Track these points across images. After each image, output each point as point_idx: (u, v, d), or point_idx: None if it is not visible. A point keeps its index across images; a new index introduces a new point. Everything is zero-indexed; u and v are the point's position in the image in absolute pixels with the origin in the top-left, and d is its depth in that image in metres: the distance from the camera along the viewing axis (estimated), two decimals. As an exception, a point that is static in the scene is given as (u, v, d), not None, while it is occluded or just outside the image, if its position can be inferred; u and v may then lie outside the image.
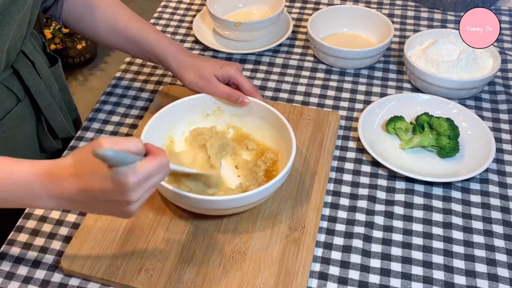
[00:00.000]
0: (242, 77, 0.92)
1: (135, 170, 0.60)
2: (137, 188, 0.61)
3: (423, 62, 1.06)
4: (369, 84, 1.09)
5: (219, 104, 0.92)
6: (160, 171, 0.64)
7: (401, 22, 1.25)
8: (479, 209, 0.86)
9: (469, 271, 0.78)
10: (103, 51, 2.72)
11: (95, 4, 0.94)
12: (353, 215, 0.85)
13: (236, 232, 0.81)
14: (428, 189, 0.88)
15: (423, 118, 0.95)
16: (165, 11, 1.31)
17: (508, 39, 1.20)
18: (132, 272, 0.76)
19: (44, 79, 0.91)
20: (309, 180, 0.88)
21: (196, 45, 1.20)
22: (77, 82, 2.58)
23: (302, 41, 1.20)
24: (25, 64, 0.87)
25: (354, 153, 0.95)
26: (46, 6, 0.93)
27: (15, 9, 0.76)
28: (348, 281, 0.76)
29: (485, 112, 1.02)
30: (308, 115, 0.99)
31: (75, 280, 0.77)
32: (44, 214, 0.85)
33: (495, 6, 1.29)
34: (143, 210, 0.83)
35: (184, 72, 0.93)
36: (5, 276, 0.77)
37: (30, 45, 0.90)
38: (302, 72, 1.12)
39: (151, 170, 0.62)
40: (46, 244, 0.81)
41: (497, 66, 1.03)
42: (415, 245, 0.81)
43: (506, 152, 0.94)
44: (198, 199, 0.75)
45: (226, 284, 0.75)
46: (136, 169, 0.60)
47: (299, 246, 0.79)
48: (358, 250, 0.80)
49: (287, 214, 0.83)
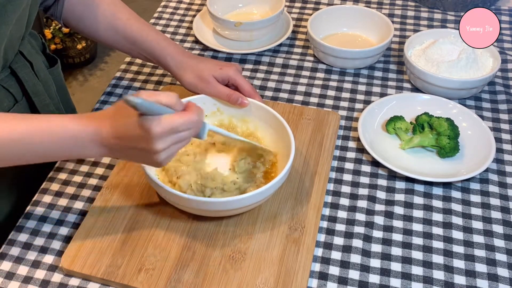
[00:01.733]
0: (242, 78, 0.92)
1: (161, 120, 0.64)
2: (161, 138, 0.65)
3: (423, 62, 1.06)
4: (369, 84, 1.09)
5: (219, 105, 0.92)
6: (188, 127, 0.67)
7: (401, 22, 1.25)
8: (479, 209, 0.86)
9: (469, 271, 0.78)
10: (103, 51, 2.72)
11: (96, 3, 0.94)
12: (353, 215, 0.85)
13: (236, 232, 0.81)
14: (428, 189, 0.88)
15: (423, 118, 0.95)
16: (165, 11, 1.31)
17: (508, 39, 1.20)
18: (132, 272, 0.76)
19: (42, 80, 0.91)
20: (309, 180, 0.88)
21: (196, 45, 1.20)
22: (77, 82, 2.58)
23: (302, 41, 1.20)
24: (23, 65, 0.87)
25: (354, 153, 0.95)
26: (47, 5, 0.93)
27: (11, 8, 0.76)
28: (348, 281, 0.76)
29: (485, 112, 1.02)
30: (308, 115, 0.99)
31: (75, 280, 0.77)
32: (44, 214, 0.85)
33: (495, 6, 1.29)
34: (143, 211, 0.83)
35: (183, 73, 0.93)
36: (5, 276, 0.77)
37: (28, 45, 0.90)
38: (302, 72, 1.12)
39: (177, 124, 0.65)
40: (46, 244, 0.81)
41: (497, 66, 1.03)
42: (415, 245, 0.81)
43: (506, 152, 0.94)
44: (196, 201, 0.75)
45: (226, 284, 0.75)
46: (162, 120, 0.64)
47: (299, 246, 0.79)
48: (358, 250, 0.80)
49: (287, 214, 0.83)
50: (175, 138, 0.67)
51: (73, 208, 0.86)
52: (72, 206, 0.86)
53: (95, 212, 0.83)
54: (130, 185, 0.87)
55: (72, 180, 0.90)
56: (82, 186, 0.89)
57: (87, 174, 0.91)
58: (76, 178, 0.91)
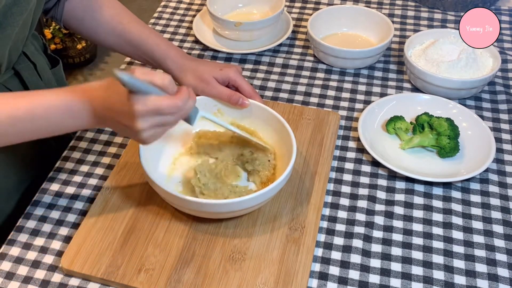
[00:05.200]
0: (242, 79, 0.92)
1: (146, 100, 0.64)
2: (143, 117, 0.65)
3: (423, 62, 1.06)
4: (369, 84, 1.09)
5: (219, 106, 0.92)
6: (173, 112, 0.67)
7: (401, 22, 1.25)
8: (479, 209, 0.86)
9: (469, 271, 0.78)
10: (103, 51, 2.72)
11: (96, 6, 0.94)
12: (353, 215, 0.85)
13: (236, 232, 0.81)
14: (428, 189, 0.88)
15: (423, 118, 0.95)
16: (165, 11, 1.31)
17: (508, 39, 1.20)
18: (132, 272, 0.76)
19: (45, 81, 0.91)
20: (309, 180, 0.88)
21: (196, 45, 1.20)
22: (77, 82, 2.58)
23: (302, 41, 1.20)
24: (27, 65, 0.87)
25: (354, 153, 0.95)
26: (47, 7, 0.93)
27: (17, 10, 0.76)
28: (348, 281, 0.76)
29: (485, 112, 1.02)
30: (308, 115, 0.99)
31: (75, 280, 0.77)
32: (44, 214, 0.85)
33: (495, 6, 1.29)
34: (143, 211, 0.83)
35: (184, 75, 0.93)
36: (5, 276, 0.77)
37: (31, 46, 0.90)
38: (302, 72, 1.12)
39: (162, 107, 0.65)
40: (46, 244, 0.81)
41: (497, 66, 1.03)
42: (415, 245, 0.81)
43: (506, 152, 0.94)
44: (196, 203, 0.75)
45: (226, 284, 0.75)
46: (147, 100, 0.64)
47: (299, 246, 0.79)
48: (358, 250, 0.80)
49: (287, 214, 0.83)
50: (158, 119, 0.67)
51: (73, 208, 0.86)
52: (72, 206, 0.86)
53: (95, 212, 0.83)
54: (130, 185, 0.87)
55: (72, 180, 0.90)
56: (82, 186, 0.89)
57: (87, 174, 0.91)
58: (76, 178, 0.91)
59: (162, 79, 0.66)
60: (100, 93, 0.68)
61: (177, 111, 0.67)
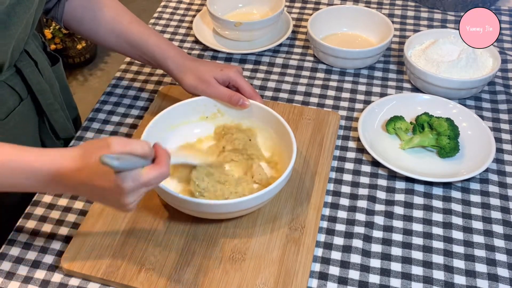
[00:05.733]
0: (242, 80, 0.92)
1: (134, 177, 0.63)
2: (133, 192, 0.64)
3: (423, 62, 1.06)
4: (369, 84, 1.09)
5: (219, 107, 0.92)
6: (159, 181, 0.67)
7: (401, 22, 1.25)
8: (479, 209, 0.86)
9: (469, 271, 0.78)
10: (103, 51, 2.72)
11: (96, 6, 0.94)
12: (353, 215, 0.85)
13: (236, 232, 0.81)
14: (428, 189, 0.88)
15: (423, 118, 0.95)
16: (165, 11, 1.31)
17: (508, 39, 1.20)
18: (132, 272, 0.76)
19: (46, 79, 0.91)
20: (309, 180, 0.88)
21: (196, 45, 1.20)
22: (77, 82, 2.58)
23: (302, 41, 1.20)
24: (28, 63, 0.87)
25: (354, 153, 0.95)
26: (48, 7, 0.93)
27: (21, 10, 0.76)
28: (348, 281, 0.76)
29: (485, 112, 1.02)
30: (308, 115, 0.99)
31: (75, 280, 0.77)
32: (44, 214, 0.85)
33: (495, 6, 1.29)
34: (143, 211, 0.83)
35: (184, 76, 0.93)
36: (5, 276, 0.77)
37: (33, 44, 0.90)
38: (302, 72, 1.12)
39: (151, 180, 0.65)
40: (46, 244, 0.81)
41: (497, 66, 1.03)
42: (415, 245, 0.81)
43: (506, 152, 0.94)
44: (195, 203, 0.75)
45: (226, 284, 0.75)
46: (136, 176, 0.63)
47: (299, 246, 0.79)
48: (358, 250, 0.80)
49: (287, 214, 0.83)
50: (145, 189, 0.66)
51: (73, 208, 0.86)
52: (72, 206, 0.86)
53: (95, 212, 0.83)
54: (130, 185, 0.87)
55: (72, 180, 0.90)
56: (82, 186, 0.89)
57: (87, 174, 0.91)
58: (76, 178, 0.91)
59: (142, 147, 0.64)
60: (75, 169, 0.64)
61: (164, 178, 0.67)
